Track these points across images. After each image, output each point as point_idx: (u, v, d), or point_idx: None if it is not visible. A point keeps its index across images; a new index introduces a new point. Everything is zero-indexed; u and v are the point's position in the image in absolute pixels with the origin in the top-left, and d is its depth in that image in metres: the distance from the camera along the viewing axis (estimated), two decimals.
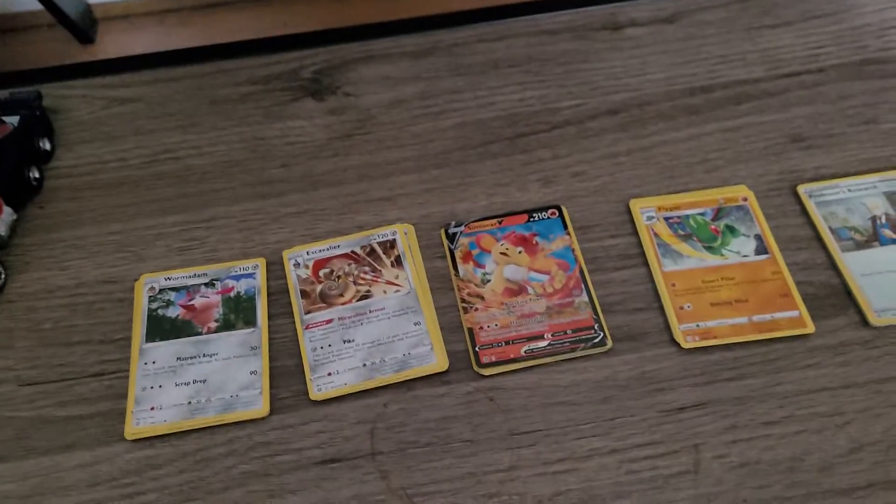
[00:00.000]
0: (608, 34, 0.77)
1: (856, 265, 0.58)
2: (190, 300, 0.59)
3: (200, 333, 0.57)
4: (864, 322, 0.56)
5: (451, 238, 0.62)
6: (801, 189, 0.63)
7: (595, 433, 0.53)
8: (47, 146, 0.70)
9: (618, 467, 0.51)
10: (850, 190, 0.62)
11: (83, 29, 0.81)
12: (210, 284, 0.60)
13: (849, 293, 0.57)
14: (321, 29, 0.81)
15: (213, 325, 0.58)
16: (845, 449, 0.51)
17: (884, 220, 0.60)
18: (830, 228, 0.60)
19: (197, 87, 0.76)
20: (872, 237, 0.59)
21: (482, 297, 0.58)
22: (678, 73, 0.73)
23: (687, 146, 0.67)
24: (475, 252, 0.61)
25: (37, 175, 0.68)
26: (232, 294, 0.59)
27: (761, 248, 0.59)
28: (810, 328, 0.55)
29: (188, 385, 0.55)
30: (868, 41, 0.74)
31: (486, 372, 0.55)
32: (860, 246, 0.59)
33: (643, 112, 0.70)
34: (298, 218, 0.65)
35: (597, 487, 0.51)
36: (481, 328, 0.57)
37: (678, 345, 0.56)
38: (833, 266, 0.59)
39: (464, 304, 0.58)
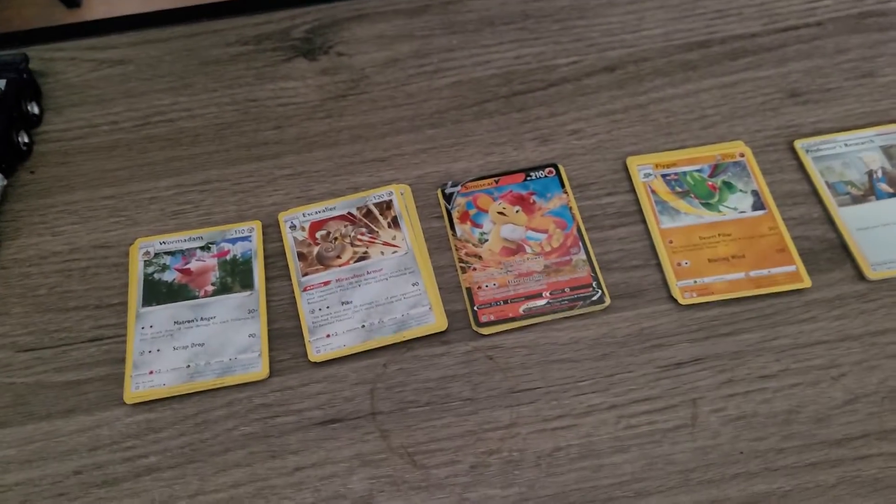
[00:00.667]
0: None
1: (852, 219, 0.58)
2: (186, 264, 0.59)
3: (197, 297, 0.57)
4: (860, 276, 0.56)
5: (448, 198, 0.61)
6: (798, 144, 0.62)
7: (594, 389, 0.53)
8: (35, 110, 0.69)
9: (616, 423, 0.52)
10: (846, 144, 0.62)
11: None
12: (206, 248, 0.59)
13: (845, 247, 0.57)
14: None
15: (210, 288, 0.57)
16: (840, 401, 0.52)
17: (880, 175, 0.60)
18: (827, 183, 0.60)
19: (187, 47, 0.75)
20: (869, 191, 0.59)
21: (480, 257, 0.58)
22: (675, 29, 0.72)
23: (684, 102, 0.67)
24: (472, 212, 0.60)
25: (26, 139, 0.67)
26: (228, 257, 0.59)
27: (758, 204, 0.59)
28: (807, 283, 0.56)
29: (186, 349, 0.55)
30: None
31: (485, 331, 0.55)
32: (857, 200, 0.59)
33: (640, 68, 0.70)
34: (293, 180, 0.65)
35: (596, 443, 0.51)
36: (479, 288, 0.57)
37: (676, 301, 0.56)
38: (829, 221, 0.59)
39: (461, 264, 0.58)
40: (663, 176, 0.61)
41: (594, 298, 0.56)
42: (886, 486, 0.48)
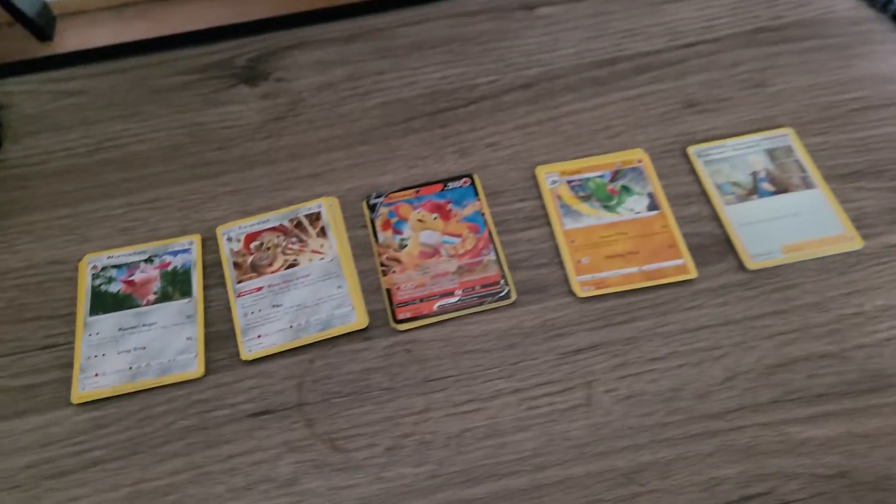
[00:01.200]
0: (523, 14, 0.82)
1: (736, 216, 0.64)
2: (130, 276, 0.64)
3: (140, 305, 0.62)
4: (742, 267, 0.62)
5: (373, 208, 0.67)
6: (691, 150, 0.68)
7: (500, 376, 0.59)
8: None
9: (519, 404, 0.57)
10: (734, 149, 0.68)
11: (41, 26, 0.85)
12: (149, 261, 0.65)
13: (729, 242, 0.63)
14: (257, 19, 0.85)
15: (152, 297, 0.63)
16: (720, 378, 0.57)
17: (763, 175, 0.66)
18: (716, 184, 0.66)
19: (140, 77, 0.81)
20: (752, 190, 0.65)
21: (399, 261, 0.64)
22: (587, 48, 0.78)
23: (592, 115, 0.73)
24: (394, 220, 0.66)
25: None
26: (169, 269, 0.64)
27: (653, 205, 0.65)
28: (693, 274, 0.61)
29: (129, 352, 0.60)
30: (759, 11, 0.79)
31: (403, 327, 0.61)
32: (741, 199, 0.65)
33: (553, 85, 0.76)
34: (234, 196, 0.70)
35: (500, 423, 0.56)
36: (398, 288, 0.62)
37: (576, 294, 0.61)
38: (716, 218, 0.65)
39: (383, 268, 0.64)
40: (568, 182, 0.67)
41: (502, 294, 0.61)
42: (757, 453, 0.54)
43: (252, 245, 0.65)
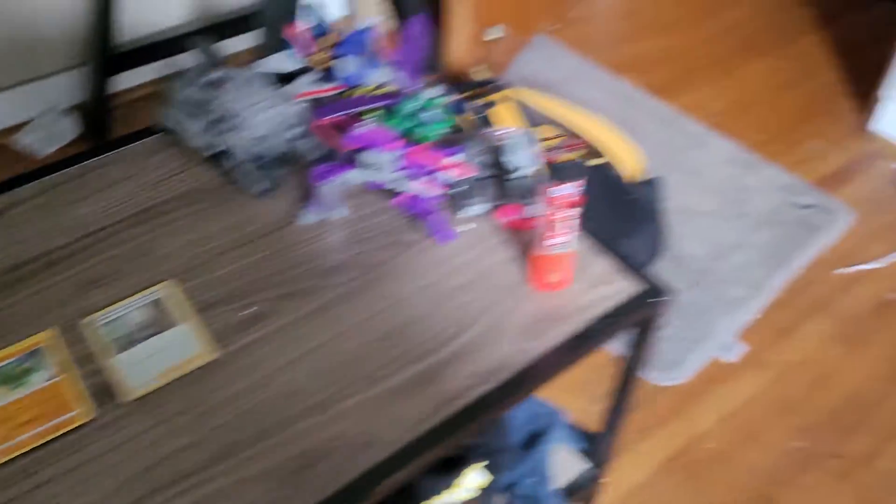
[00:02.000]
0: None
1: (123, 361, 0.81)
2: None
3: None
4: (129, 398, 0.79)
5: None
6: (85, 320, 0.85)
7: None
8: None
9: None
10: (125, 308, 0.86)
11: None
12: None
13: (117, 383, 0.80)
14: None
15: None
16: (115, 489, 0.72)
17: (147, 322, 0.84)
18: (110, 340, 0.83)
19: None
20: (135, 339, 0.83)
21: None
22: None
23: (2, 315, 0.86)
24: None
25: None
26: None
27: (52, 375, 0.80)
28: (87, 418, 0.76)
29: None
30: (145, 194, 1.01)
31: None
32: (128, 346, 0.82)
33: None
34: None
35: None
36: None
37: None
38: (104, 369, 0.81)
39: None
40: None
41: None
42: None
43: None
